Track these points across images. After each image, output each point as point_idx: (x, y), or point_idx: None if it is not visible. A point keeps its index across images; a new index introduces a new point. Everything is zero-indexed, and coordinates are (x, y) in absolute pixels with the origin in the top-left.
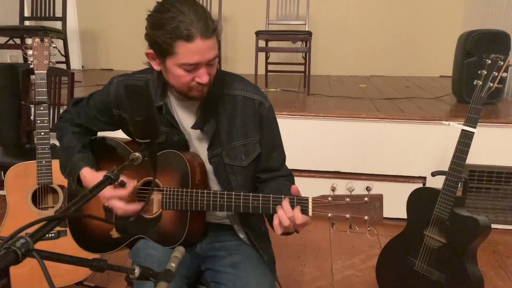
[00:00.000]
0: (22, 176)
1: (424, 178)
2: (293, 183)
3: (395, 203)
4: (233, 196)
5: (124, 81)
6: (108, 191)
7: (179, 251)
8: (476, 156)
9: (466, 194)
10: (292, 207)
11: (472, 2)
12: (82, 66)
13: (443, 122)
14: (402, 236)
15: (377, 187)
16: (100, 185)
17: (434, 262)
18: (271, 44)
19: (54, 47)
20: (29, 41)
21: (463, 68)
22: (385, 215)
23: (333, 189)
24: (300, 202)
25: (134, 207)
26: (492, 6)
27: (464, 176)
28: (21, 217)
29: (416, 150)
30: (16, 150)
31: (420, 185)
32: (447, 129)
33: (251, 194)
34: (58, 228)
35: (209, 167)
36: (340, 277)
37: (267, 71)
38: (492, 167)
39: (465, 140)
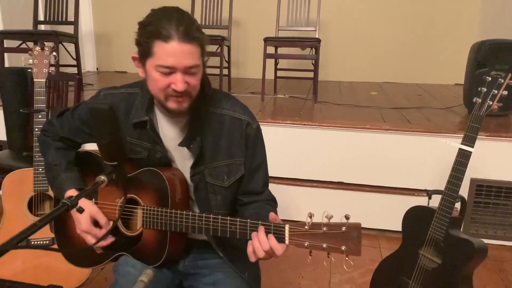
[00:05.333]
0: (19, 183)
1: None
2: (274, 208)
3: (399, 216)
4: (211, 220)
5: (90, 104)
6: (86, 225)
7: (146, 275)
8: (484, 171)
9: (464, 214)
10: (267, 234)
11: (488, 10)
12: (97, 68)
13: (442, 140)
14: (396, 255)
15: (381, 200)
16: (55, 212)
17: (427, 284)
18: (281, 50)
19: (54, 55)
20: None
21: (475, 79)
22: (388, 228)
23: (311, 216)
24: (276, 229)
25: (104, 243)
26: (508, 15)
27: (462, 195)
28: (17, 224)
29: (421, 163)
30: (22, 155)
31: (425, 199)
32: (453, 142)
33: (228, 218)
34: (51, 235)
35: (189, 184)
36: None
37: (276, 77)
38: (500, 182)
39: (462, 159)
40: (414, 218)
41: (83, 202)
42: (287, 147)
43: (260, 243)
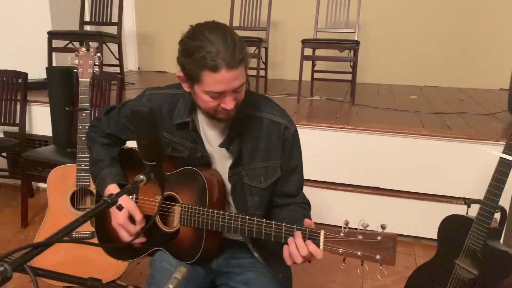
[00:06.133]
0: (62, 178)
1: (469, 199)
2: (308, 211)
3: (435, 224)
4: (247, 221)
5: (131, 105)
6: (122, 219)
7: (179, 272)
8: None
9: (504, 225)
10: (304, 239)
11: None
12: (139, 68)
13: (482, 147)
14: (431, 263)
15: (418, 206)
16: (96, 209)
17: None
18: (318, 52)
19: (98, 56)
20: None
21: None
22: (424, 235)
23: (346, 224)
24: (311, 235)
25: (138, 240)
26: None
27: (502, 206)
28: (60, 217)
29: (461, 170)
30: (66, 151)
31: (464, 207)
32: (494, 150)
33: (264, 220)
34: (91, 229)
35: (227, 185)
36: None
37: (313, 78)
38: None
39: (503, 168)
40: (450, 227)
41: (122, 198)
42: (323, 150)
43: (298, 249)
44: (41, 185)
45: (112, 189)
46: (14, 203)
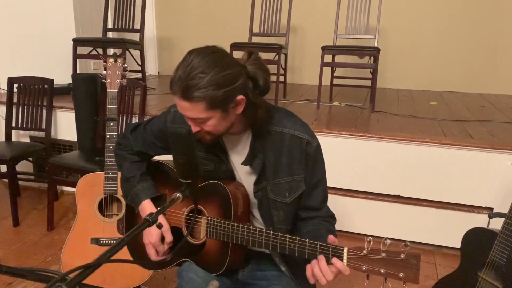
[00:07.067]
0: (91, 186)
1: (491, 209)
2: (333, 225)
3: (457, 233)
4: (271, 236)
5: (170, 127)
6: (156, 238)
7: (213, 287)
8: None
9: None
10: (327, 258)
11: None
12: (158, 72)
13: (507, 162)
14: (454, 276)
15: (438, 215)
16: (138, 228)
17: None
18: (338, 58)
19: (125, 67)
20: (110, 51)
21: None
22: (445, 244)
23: (370, 241)
24: (335, 252)
25: (158, 258)
26: None
27: None
28: (88, 223)
29: (483, 180)
30: (95, 159)
31: (486, 216)
32: None
33: (288, 236)
34: (118, 235)
35: (253, 201)
36: None
37: (332, 84)
38: None
39: None
40: (474, 239)
41: (150, 207)
42: (343, 158)
43: (323, 273)
44: (66, 188)
45: (147, 205)
46: (40, 206)
